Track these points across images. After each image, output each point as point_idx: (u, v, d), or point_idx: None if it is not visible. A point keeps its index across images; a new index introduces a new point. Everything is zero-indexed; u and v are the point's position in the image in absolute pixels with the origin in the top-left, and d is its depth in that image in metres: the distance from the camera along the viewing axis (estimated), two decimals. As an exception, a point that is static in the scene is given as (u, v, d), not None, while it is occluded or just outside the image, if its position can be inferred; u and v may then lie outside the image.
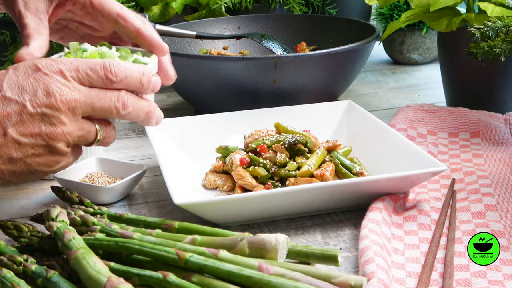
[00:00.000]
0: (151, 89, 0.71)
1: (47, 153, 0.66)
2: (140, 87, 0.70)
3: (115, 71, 0.67)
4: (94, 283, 0.58)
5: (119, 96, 0.68)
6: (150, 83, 0.70)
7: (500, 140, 0.99)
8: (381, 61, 1.55)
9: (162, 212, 0.84)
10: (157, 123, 0.73)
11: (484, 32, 0.91)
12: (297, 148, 0.87)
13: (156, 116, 0.72)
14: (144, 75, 0.70)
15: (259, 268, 0.60)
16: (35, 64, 0.66)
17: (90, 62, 0.67)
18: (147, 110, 0.71)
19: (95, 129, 0.69)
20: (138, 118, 0.71)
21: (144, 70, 0.70)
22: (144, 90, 0.70)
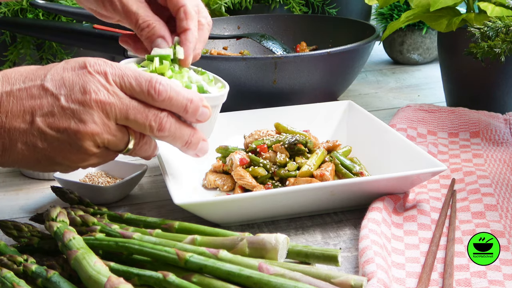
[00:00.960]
0: (197, 119, 0.68)
1: (73, 149, 0.65)
2: (183, 113, 0.67)
3: (159, 89, 0.66)
4: (94, 283, 0.58)
5: (158, 116, 0.66)
6: (196, 112, 0.68)
7: (500, 140, 0.99)
8: (381, 61, 1.55)
9: (162, 212, 0.84)
10: (197, 155, 0.71)
11: (484, 32, 0.91)
12: (297, 148, 0.87)
13: (198, 148, 0.70)
14: (192, 103, 0.67)
15: (259, 268, 0.60)
16: (84, 61, 0.66)
17: (138, 73, 0.66)
18: (186, 140, 0.69)
19: (127, 139, 0.67)
20: (174, 144, 0.69)
21: (193, 97, 0.67)
22: (188, 117, 0.68)
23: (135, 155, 0.70)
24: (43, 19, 1.25)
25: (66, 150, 0.65)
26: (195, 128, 0.70)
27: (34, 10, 1.25)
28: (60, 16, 1.26)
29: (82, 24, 1.22)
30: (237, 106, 1.02)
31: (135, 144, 0.68)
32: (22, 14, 1.26)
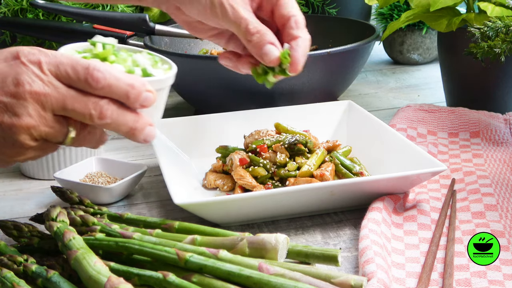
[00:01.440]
0: (140, 104, 0.65)
1: (8, 143, 0.62)
2: (125, 99, 0.64)
3: (97, 76, 0.62)
4: (94, 283, 0.58)
5: (98, 104, 0.63)
6: (139, 97, 0.64)
7: (500, 140, 0.99)
8: (381, 61, 1.55)
9: (162, 212, 0.84)
10: (145, 140, 0.67)
11: (484, 32, 0.91)
12: (297, 148, 0.87)
13: (145, 134, 0.66)
14: (134, 88, 0.64)
15: (259, 268, 0.60)
16: (17, 51, 0.63)
17: (75, 61, 0.63)
18: (131, 126, 0.65)
19: (66, 130, 0.64)
20: (119, 131, 0.66)
21: (135, 82, 0.64)
22: (131, 103, 0.64)
23: (79, 145, 0.67)
24: (43, 19, 1.25)
25: (1, 145, 0.63)
26: (140, 113, 0.67)
27: (34, 10, 1.25)
28: (60, 16, 1.26)
29: (82, 24, 1.22)
30: (237, 106, 1.02)
31: (76, 134, 0.65)
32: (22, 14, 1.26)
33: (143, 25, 1.16)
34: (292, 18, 0.78)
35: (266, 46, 0.77)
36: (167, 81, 0.73)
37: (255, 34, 0.77)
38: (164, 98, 0.75)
